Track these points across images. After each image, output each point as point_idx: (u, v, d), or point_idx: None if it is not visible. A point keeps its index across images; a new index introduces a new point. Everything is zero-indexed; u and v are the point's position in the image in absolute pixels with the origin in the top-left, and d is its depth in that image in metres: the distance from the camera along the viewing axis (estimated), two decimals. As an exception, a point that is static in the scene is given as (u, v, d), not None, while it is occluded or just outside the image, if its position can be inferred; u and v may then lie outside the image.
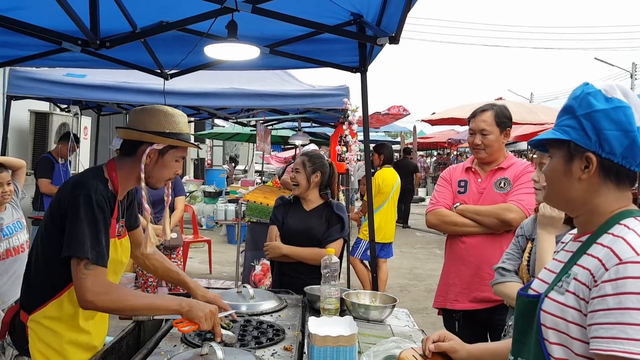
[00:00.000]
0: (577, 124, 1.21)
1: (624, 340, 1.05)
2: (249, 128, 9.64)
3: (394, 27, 2.56)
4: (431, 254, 10.07)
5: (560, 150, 1.25)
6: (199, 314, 1.94)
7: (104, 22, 2.64)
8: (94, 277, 1.82)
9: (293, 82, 5.58)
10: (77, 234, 1.83)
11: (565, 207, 1.33)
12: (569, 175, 1.23)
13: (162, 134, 1.99)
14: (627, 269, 1.08)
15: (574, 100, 1.23)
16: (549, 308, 1.21)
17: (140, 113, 2.04)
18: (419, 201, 20.10)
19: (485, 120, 2.87)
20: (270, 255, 3.19)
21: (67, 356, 1.99)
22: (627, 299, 1.06)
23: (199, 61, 3.63)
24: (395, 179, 6.31)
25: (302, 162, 3.19)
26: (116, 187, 2.02)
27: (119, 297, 1.88)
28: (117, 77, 5.18)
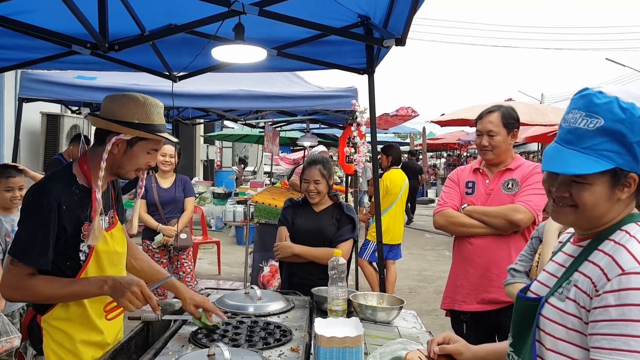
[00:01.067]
0: (626, 150, 1.13)
1: (627, 352, 1.05)
2: (258, 129, 9.67)
3: (400, 28, 2.57)
4: (440, 256, 10.03)
5: (602, 177, 1.16)
6: (120, 299, 1.86)
7: (113, 25, 2.67)
8: (15, 274, 1.85)
9: (301, 84, 5.59)
10: (17, 235, 1.88)
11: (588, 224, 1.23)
12: (612, 198, 1.17)
13: (129, 125, 1.91)
14: (630, 280, 1.07)
15: (621, 125, 1.12)
16: (549, 314, 1.21)
17: (111, 100, 1.97)
18: (428, 202, 20.05)
19: (492, 122, 2.86)
20: (280, 255, 3.19)
21: (79, 355, 2.01)
22: (631, 310, 1.05)
23: (207, 63, 3.65)
24: (403, 180, 6.30)
25: (320, 172, 3.18)
26: (89, 179, 1.97)
27: (34, 291, 1.86)
28: (128, 79, 5.22)
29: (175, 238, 4.74)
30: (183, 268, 4.95)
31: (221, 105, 5.30)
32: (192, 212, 5.01)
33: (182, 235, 4.78)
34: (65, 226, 1.89)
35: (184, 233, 4.80)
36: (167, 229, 4.71)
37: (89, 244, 1.95)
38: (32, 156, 7.27)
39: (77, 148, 6.12)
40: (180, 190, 4.88)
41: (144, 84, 5.09)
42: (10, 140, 6.49)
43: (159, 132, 1.97)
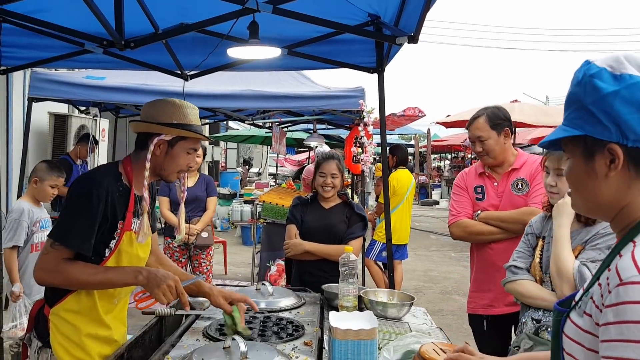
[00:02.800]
0: (587, 114, 1.00)
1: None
2: (264, 130, 9.70)
3: (412, 26, 2.59)
4: (446, 257, 10.04)
5: (577, 149, 1.05)
6: (155, 290, 1.89)
7: (127, 24, 2.70)
8: (53, 256, 1.89)
9: (308, 84, 5.62)
10: (61, 221, 1.93)
11: (597, 212, 1.10)
12: (593, 175, 1.02)
13: (169, 125, 1.99)
14: (627, 292, 0.90)
15: (578, 87, 1.03)
16: (569, 331, 1.05)
17: (150, 106, 2.07)
18: (433, 204, 20.06)
19: (478, 127, 2.87)
20: (291, 253, 3.20)
21: (86, 349, 2.02)
22: (628, 329, 0.88)
23: (218, 62, 3.68)
24: (410, 180, 6.32)
25: (337, 166, 3.21)
26: (130, 180, 2.06)
27: (68, 275, 1.89)
28: (137, 79, 5.26)
29: (196, 237, 4.79)
30: (200, 268, 4.99)
31: (230, 105, 5.33)
32: (214, 212, 5.06)
33: (204, 234, 4.84)
34: (108, 217, 1.96)
35: (205, 232, 4.84)
36: (190, 227, 4.76)
37: (139, 240, 2.04)
38: (39, 156, 7.31)
39: (85, 148, 6.16)
40: (202, 190, 4.93)
41: (153, 84, 5.14)
42: (18, 140, 6.53)
43: (196, 132, 2.05)
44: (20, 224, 3.76)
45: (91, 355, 2.03)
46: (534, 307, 2.13)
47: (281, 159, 15.17)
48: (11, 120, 6.72)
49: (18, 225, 3.75)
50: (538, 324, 2.08)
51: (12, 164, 6.48)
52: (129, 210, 2.03)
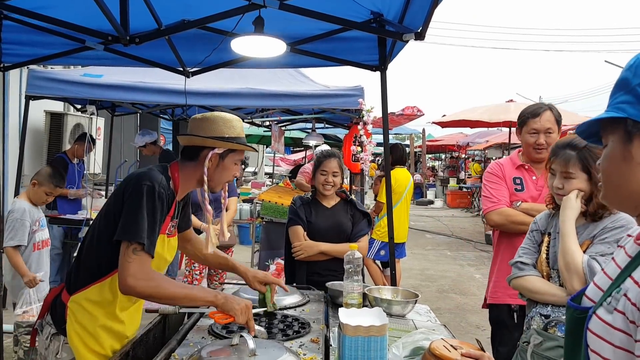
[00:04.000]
0: (633, 97, 0.96)
1: None
2: (262, 129, 9.67)
3: (418, 23, 2.58)
4: (442, 256, 10.07)
5: (616, 134, 1.01)
6: (235, 306, 1.98)
7: (131, 20, 2.69)
8: (140, 263, 1.87)
9: (307, 83, 5.61)
10: (135, 221, 1.90)
11: (627, 203, 1.05)
12: (629, 159, 0.98)
13: (222, 139, 2.09)
14: None
15: (628, 71, 0.99)
16: (595, 328, 1.00)
17: (202, 121, 2.13)
18: (428, 204, 20.11)
19: (549, 120, 2.87)
20: (305, 255, 3.13)
21: (99, 340, 2.04)
22: None
23: (220, 59, 3.67)
24: (407, 179, 6.31)
25: (339, 164, 3.20)
26: (177, 187, 2.13)
27: (159, 284, 1.91)
28: (134, 77, 5.24)
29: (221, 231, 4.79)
30: None
31: (230, 103, 5.31)
32: (235, 212, 5.08)
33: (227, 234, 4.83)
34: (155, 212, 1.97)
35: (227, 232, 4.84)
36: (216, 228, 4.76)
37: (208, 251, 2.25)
38: (35, 154, 7.27)
39: (82, 147, 6.14)
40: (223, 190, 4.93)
41: (152, 82, 5.12)
42: (14, 138, 6.49)
43: (244, 144, 2.18)
44: (23, 224, 3.80)
45: (104, 348, 2.05)
46: (542, 303, 2.13)
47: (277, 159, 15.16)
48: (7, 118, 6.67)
49: (21, 224, 3.79)
50: (547, 320, 2.08)
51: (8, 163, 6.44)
52: (169, 214, 2.09)
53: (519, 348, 2.18)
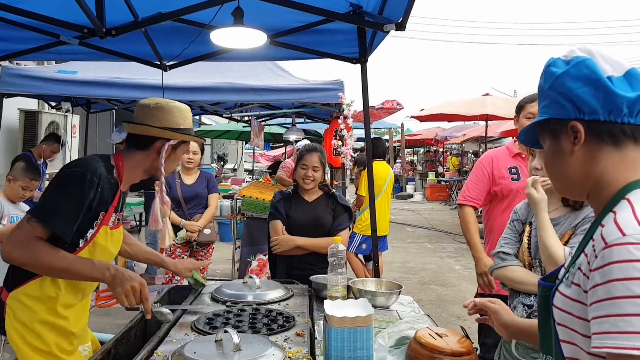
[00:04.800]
0: (549, 100, 1.11)
1: (617, 334, 0.92)
2: (240, 125, 9.60)
3: (397, 14, 2.58)
4: (422, 248, 10.15)
5: (546, 134, 1.15)
6: (117, 289, 1.87)
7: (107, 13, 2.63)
8: (26, 231, 1.83)
9: (286, 77, 5.57)
10: (48, 201, 1.87)
11: (572, 190, 1.16)
12: (561, 153, 1.11)
13: (177, 131, 2.08)
14: (612, 253, 0.94)
15: (540, 79, 1.15)
16: (558, 303, 1.10)
17: (156, 110, 2.08)
18: (407, 197, 20.24)
19: None
20: (282, 249, 3.14)
21: (42, 337, 1.97)
22: (614, 287, 0.93)
23: (197, 52, 3.62)
24: (387, 172, 6.30)
25: (320, 159, 3.18)
26: (120, 176, 2.07)
27: (37, 254, 1.83)
28: (109, 72, 5.14)
29: (198, 233, 4.75)
30: None
31: (209, 98, 5.25)
32: (216, 208, 5.02)
33: (206, 230, 4.79)
34: (92, 206, 1.93)
35: (207, 229, 4.80)
36: (191, 225, 4.72)
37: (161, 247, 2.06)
38: (9, 153, 7.11)
39: (50, 148, 6.04)
40: (203, 187, 4.89)
41: (128, 77, 5.03)
42: (-12, 137, 6.34)
43: (195, 135, 2.21)
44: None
45: (47, 344, 1.98)
46: (525, 293, 2.13)
47: (257, 155, 15.08)
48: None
49: None
50: (530, 310, 2.08)
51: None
52: (112, 204, 2.03)
53: (503, 339, 2.19)
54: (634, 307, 0.91)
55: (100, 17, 2.56)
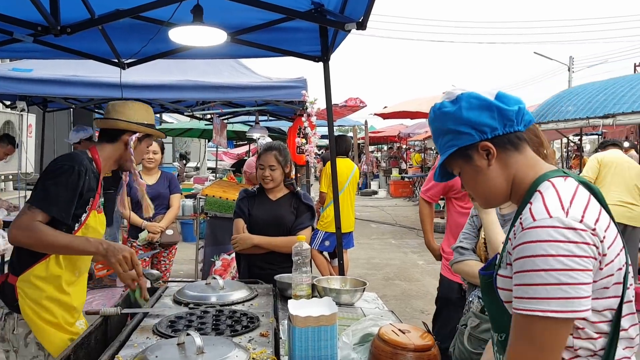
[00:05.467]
0: (452, 133, 1.31)
1: (526, 299, 1.15)
2: (203, 123, 9.47)
3: (359, 13, 2.59)
4: (386, 244, 10.25)
5: (459, 161, 1.35)
6: (112, 259, 2.17)
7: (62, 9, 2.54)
8: (28, 216, 2.11)
9: (249, 74, 5.52)
10: (41, 189, 2.16)
11: (498, 198, 1.36)
12: (480, 170, 1.32)
13: (144, 125, 2.40)
14: (525, 235, 1.17)
15: (436, 122, 1.35)
16: (501, 284, 1.30)
17: (124, 106, 2.40)
18: (372, 194, 20.40)
19: None
20: (239, 248, 3.14)
21: (52, 311, 2.26)
22: (525, 262, 1.16)
23: (156, 50, 3.54)
24: (349, 168, 6.32)
25: (276, 157, 3.15)
26: (99, 167, 2.35)
27: (39, 234, 2.09)
28: (66, 70, 4.99)
29: (161, 234, 4.66)
30: (159, 265, 4.83)
31: (169, 96, 5.16)
32: (178, 209, 4.94)
33: (168, 231, 4.70)
34: (82, 193, 2.22)
35: (169, 229, 4.70)
36: (152, 226, 4.62)
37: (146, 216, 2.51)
38: (-39, 154, 6.83)
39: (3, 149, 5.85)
40: (165, 187, 4.79)
41: (85, 75, 4.89)
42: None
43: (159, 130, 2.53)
44: None
45: (56, 317, 2.28)
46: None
47: (220, 153, 14.92)
48: None
49: None
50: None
51: None
52: (97, 191, 2.34)
53: (458, 331, 2.23)
54: (539, 278, 1.13)
55: (54, 14, 2.48)
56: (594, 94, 7.88)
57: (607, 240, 1.18)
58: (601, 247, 1.17)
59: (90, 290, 5.77)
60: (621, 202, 5.74)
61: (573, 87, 12.64)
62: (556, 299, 1.12)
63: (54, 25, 2.54)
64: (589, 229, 1.15)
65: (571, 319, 1.14)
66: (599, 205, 1.24)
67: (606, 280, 1.20)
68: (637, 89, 7.10)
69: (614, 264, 1.20)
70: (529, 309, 1.15)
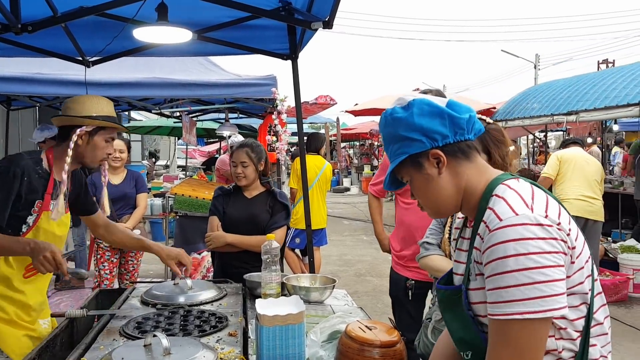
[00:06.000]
0: (404, 140, 1.28)
1: (501, 303, 1.12)
2: (172, 120, 9.36)
3: (326, 12, 2.60)
4: (358, 241, 10.31)
5: (409, 169, 1.31)
6: (34, 261, 2.11)
7: (23, 7, 2.48)
8: None
9: (218, 72, 5.48)
10: None
11: (450, 206, 1.33)
12: (430, 178, 1.28)
13: (89, 117, 2.27)
14: (494, 236, 1.15)
15: (387, 127, 1.32)
16: (474, 298, 1.26)
17: (72, 102, 2.30)
18: (344, 191, 20.49)
19: None
20: (213, 246, 3.12)
21: (2, 308, 2.23)
22: (497, 264, 1.13)
23: (122, 47, 3.48)
24: (320, 165, 6.30)
25: (248, 154, 3.13)
26: (51, 166, 2.29)
27: None
28: (30, 68, 4.86)
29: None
30: (126, 266, 4.75)
31: (136, 93, 5.07)
32: (145, 209, 4.85)
33: (135, 231, 4.61)
34: (22, 194, 2.17)
35: (137, 229, 4.62)
36: None
37: (52, 217, 2.27)
38: None
39: None
40: (131, 186, 4.70)
41: (50, 73, 4.78)
42: None
43: (114, 122, 2.35)
44: None
45: (8, 314, 2.25)
46: None
47: (190, 150, 14.78)
48: None
49: None
50: None
51: None
52: (47, 192, 2.26)
53: (423, 325, 2.28)
54: (513, 280, 1.11)
55: (15, 12, 2.42)
56: (558, 92, 8.08)
57: (572, 233, 1.18)
58: (569, 241, 1.16)
59: (58, 291, 5.71)
60: (582, 196, 5.89)
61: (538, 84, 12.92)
62: (532, 299, 1.10)
63: (14, 23, 2.47)
64: (554, 224, 1.14)
65: (549, 318, 1.12)
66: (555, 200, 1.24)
67: (579, 274, 1.19)
68: (599, 86, 7.31)
69: (582, 256, 1.20)
70: (506, 313, 1.12)
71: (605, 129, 12.24)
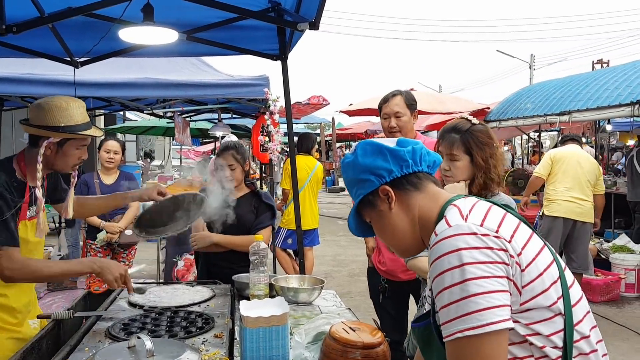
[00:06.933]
0: (356, 182, 1.35)
1: (446, 323, 1.09)
2: (165, 120, 9.34)
3: (313, 13, 2.60)
4: (353, 241, 10.29)
5: (367, 210, 1.37)
6: (109, 277, 2.19)
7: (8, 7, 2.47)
8: (8, 256, 2.07)
9: (211, 72, 5.46)
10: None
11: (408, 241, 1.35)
12: (384, 215, 1.32)
13: (56, 129, 2.15)
14: (432, 253, 1.15)
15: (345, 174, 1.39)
16: None
17: (37, 109, 2.18)
18: (340, 191, 20.49)
19: (397, 104, 3.05)
20: (198, 246, 3.12)
21: None
22: (436, 283, 1.12)
23: (111, 48, 3.47)
24: (311, 165, 6.30)
25: (234, 156, 3.13)
26: (24, 174, 2.23)
27: (35, 269, 2.14)
28: (21, 68, 4.83)
29: (120, 235, 4.57)
30: None
31: (127, 94, 5.05)
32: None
33: (127, 231, 4.61)
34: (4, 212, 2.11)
35: (128, 229, 4.62)
36: (111, 226, 4.55)
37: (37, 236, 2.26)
38: None
39: None
40: (124, 187, 4.69)
41: (40, 73, 4.75)
42: None
43: (84, 130, 2.22)
44: None
45: None
46: None
47: (185, 151, 14.75)
48: None
49: None
50: None
51: None
52: (25, 201, 2.22)
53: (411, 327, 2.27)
54: (450, 295, 1.08)
55: (-1, 13, 2.40)
56: (552, 92, 8.10)
57: (517, 241, 1.13)
58: (511, 249, 1.11)
59: (50, 292, 5.70)
60: (571, 197, 5.81)
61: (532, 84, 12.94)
62: (469, 314, 1.05)
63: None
64: (491, 233, 1.11)
65: (496, 331, 1.05)
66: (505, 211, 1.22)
67: (539, 281, 1.12)
68: (591, 87, 7.33)
69: (538, 262, 1.14)
70: (451, 333, 1.08)
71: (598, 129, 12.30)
